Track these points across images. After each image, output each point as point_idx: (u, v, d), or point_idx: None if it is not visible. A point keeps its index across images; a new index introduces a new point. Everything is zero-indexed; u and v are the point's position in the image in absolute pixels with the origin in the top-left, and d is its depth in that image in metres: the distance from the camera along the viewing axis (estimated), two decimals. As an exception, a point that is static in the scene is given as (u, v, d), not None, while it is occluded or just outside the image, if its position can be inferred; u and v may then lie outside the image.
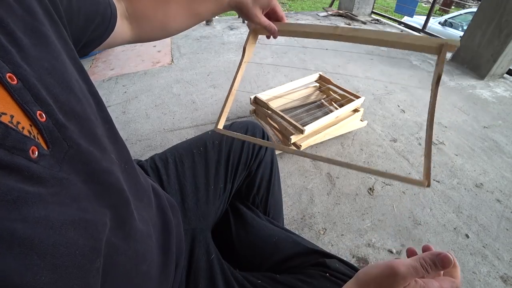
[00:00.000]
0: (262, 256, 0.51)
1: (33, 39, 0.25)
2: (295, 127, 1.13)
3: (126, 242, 0.29)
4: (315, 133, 1.21)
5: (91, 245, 0.23)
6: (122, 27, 0.43)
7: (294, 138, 1.14)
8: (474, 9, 3.59)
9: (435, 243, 0.93)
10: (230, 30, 2.93)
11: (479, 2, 2.15)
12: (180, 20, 0.49)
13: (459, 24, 4.41)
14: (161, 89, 1.75)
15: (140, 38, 0.48)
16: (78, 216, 0.22)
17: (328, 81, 1.49)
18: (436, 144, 1.40)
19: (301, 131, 1.12)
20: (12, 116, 0.20)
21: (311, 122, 1.16)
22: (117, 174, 0.30)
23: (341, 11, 3.63)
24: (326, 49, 2.50)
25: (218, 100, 1.65)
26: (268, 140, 0.62)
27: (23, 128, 0.21)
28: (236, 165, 0.58)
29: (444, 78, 2.08)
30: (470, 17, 3.12)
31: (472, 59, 2.19)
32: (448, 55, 2.45)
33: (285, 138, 1.20)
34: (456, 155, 1.33)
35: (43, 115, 0.23)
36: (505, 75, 2.18)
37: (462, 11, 4.87)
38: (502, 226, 1.01)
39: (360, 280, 0.30)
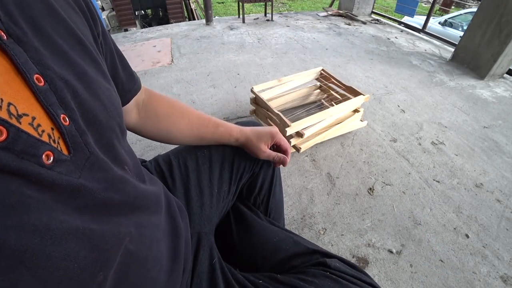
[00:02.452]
0: (263, 257, 0.50)
1: (71, 44, 0.26)
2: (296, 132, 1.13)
3: (139, 249, 0.29)
4: (315, 134, 1.21)
5: (93, 257, 0.22)
6: (130, 110, 0.45)
7: (293, 138, 1.14)
8: (474, 9, 3.59)
9: (435, 243, 0.93)
10: (230, 30, 2.93)
11: (479, 2, 2.15)
12: (184, 136, 0.52)
13: (459, 24, 4.41)
14: (161, 89, 1.75)
15: (141, 131, 0.50)
16: (83, 226, 0.21)
17: (329, 78, 1.48)
18: (436, 144, 1.40)
19: (301, 135, 1.12)
20: (33, 118, 0.20)
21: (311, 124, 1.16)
22: (133, 183, 0.30)
23: (341, 11, 3.63)
24: (326, 49, 2.50)
25: (218, 100, 1.65)
26: None
27: (43, 131, 0.20)
28: (242, 168, 0.56)
29: (444, 78, 2.08)
30: (470, 17, 3.12)
31: (472, 59, 2.19)
32: (448, 55, 2.45)
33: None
34: (456, 155, 1.33)
35: (67, 119, 0.22)
36: (505, 75, 2.18)
37: (462, 11, 4.87)
38: (502, 226, 1.01)
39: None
